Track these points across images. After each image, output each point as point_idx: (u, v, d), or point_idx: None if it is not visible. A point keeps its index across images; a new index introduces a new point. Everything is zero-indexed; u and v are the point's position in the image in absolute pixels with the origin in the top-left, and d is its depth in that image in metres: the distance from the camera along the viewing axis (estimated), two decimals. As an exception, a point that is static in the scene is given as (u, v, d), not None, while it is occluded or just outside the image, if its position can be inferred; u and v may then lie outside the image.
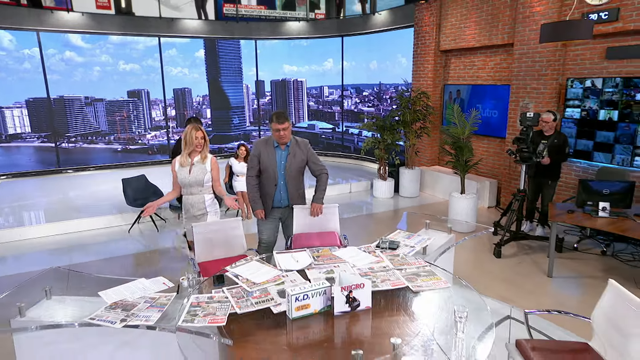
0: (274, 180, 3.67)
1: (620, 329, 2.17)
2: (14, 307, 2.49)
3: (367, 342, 2.08)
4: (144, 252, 5.59)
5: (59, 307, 2.54)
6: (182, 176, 3.62)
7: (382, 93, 10.16)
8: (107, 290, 2.57)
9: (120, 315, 2.31)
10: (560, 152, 5.21)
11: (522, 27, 6.38)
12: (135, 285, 2.66)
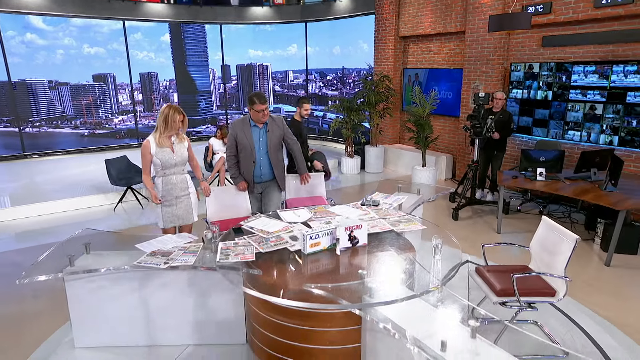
0: (251, 157, 3.87)
1: (549, 250, 2.91)
2: (61, 260, 2.88)
3: (366, 268, 2.68)
4: (136, 227, 5.91)
5: (99, 259, 2.95)
6: (165, 157, 3.48)
7: (345, 77, 10.74)
8: (142, 243, 3.01)
9: (162, 260, 2.78)
10: (506, 127, 6.04)
11: (472, 17, 7.14)
12: (165, 239, 3.12)
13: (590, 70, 5.88)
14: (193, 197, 3.85)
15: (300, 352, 2.63)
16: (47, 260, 2.92)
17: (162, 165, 3.51)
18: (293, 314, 2.59)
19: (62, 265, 2.84)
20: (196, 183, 4.00)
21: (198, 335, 3.01)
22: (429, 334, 2.10)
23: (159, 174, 3.59)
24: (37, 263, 2.87)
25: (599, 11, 5.68)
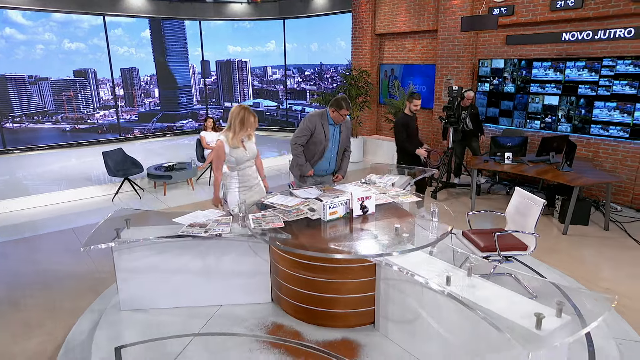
0: (321, 153, 4.11)
1: (522, 213, 3.55)
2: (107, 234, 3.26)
3: (376, 230, 3.20)
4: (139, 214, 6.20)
5: (140, 232, 3.34)
6: (239, 155, 3.65)
7: (323, 72, 11.25)
8: (178, 218, 3.42)
9: (202, 230, 3.20)
10: (476, 118, 6.76)
11: (444, 17, 7.81)
12: (196, 214, 3.53)
13: (547, 66, 6.65)
14: (262, 184, 4.01)
15: (322, 301, 3.13)
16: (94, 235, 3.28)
17: (237, 162, 3.69)
18: (317, 269, 3.09)
19: (109, 238, 3.21)
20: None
21: (229, 296, 3.45)
22: (434, 275, 2.65)
23: (234, 169, 3.76)
24: (89, 236, 3.23)
25: (554, 14, 6.44)
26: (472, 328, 2.45)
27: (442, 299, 2.61)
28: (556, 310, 2.24)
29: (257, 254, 3.41)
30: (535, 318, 2.16)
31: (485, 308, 2.30)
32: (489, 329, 2.32)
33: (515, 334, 2.11)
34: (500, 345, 2.33)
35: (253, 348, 2.96)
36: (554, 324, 2.16)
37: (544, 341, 2.05)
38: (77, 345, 3.15)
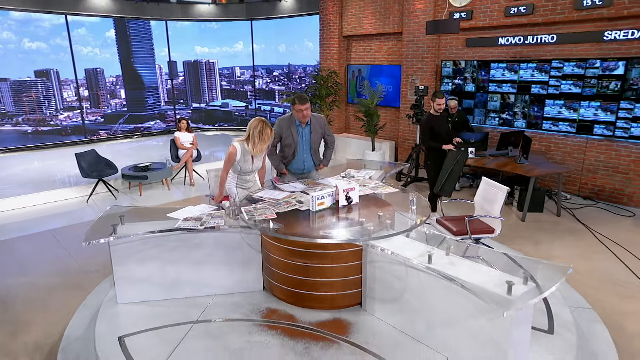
0: (292, 154, 4.30)
1: (488, 200, 3.94)
2: (104, 230, 3.36)
3: (361, 218, 3.47)
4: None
5: (134, 228, 3.46)
6: (245, 166, 3.94)
7: (291, 73, 11.47)
8: (172, 213, 3.57)
9: (197, 223, 3.37)
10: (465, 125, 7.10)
11: (408, 20, 8.23)
12: (189, 209, 3.69)
13: (503, 67, 7.19)
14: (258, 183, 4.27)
15: (313, 285, 3.38)
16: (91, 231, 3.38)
17: (242, 170, 3.99)
18: (308, 256, 3.33)
19: (106, 234, 3.31)
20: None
21: (222, 286, 3.63)
22: (416, 255, 2.96)
23: (235, 172, 4.05)
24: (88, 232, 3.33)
25: (508, 19, 6.98)
26: (452, 300, 2.77)
27: (424, 276, 2.92)
28: (522, 279, 2.60)
29: (249, 245, 3.61)
30: (507, 286, 2.50)
31: (464, 280, 2.62)
32: (467, 299, 2.65)
33: (491, 299, 2.44)
34: (476, 313, 2.66)
35: (252, 331, 3.17)
36: (521, 290, 2.51)
37: (514, 303, 2.39)
38: (77, 338, 3.24)
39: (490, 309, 2.55)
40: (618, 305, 3.81)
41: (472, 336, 2.72)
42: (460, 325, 2.78)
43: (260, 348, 2.98)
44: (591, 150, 6.56)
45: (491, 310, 2.56)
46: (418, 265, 2.87)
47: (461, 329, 2.77)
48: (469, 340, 2.74)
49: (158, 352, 2.92)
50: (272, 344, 3.03)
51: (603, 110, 6.26)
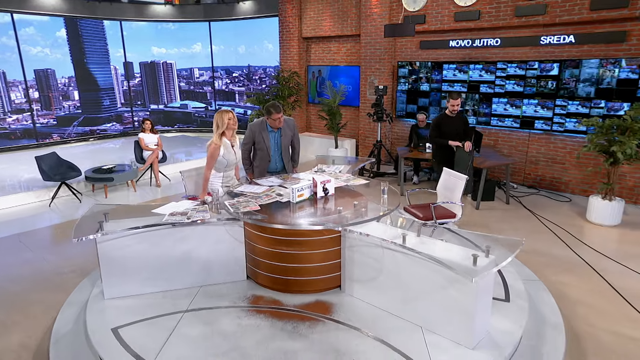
0: (267, 157, 4.61)
1: (449, 188, 4.36)
2: (90, 228, 3.43)
3: (338, 207, 3.75)
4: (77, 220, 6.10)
5: (120, 224, 3.54)
6: (230, 157, 4.17)
7: (251, 74, 11.59)
8: (157, 209, 3.68)
9: (183, 217, 3.51)
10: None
11: (366, 23, 8.63)
12: (172, 205, 3.81)
13: (453, 68, 7.74)
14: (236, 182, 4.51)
15: (295, 271, 3.62)
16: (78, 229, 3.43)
17: (228, 163, 4.21)
18: (290, 243, 3.57)
19: (92, 231, 3.38)
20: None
21: (208, 277, 3.78)
22: (391, 237, 3.28)
23: (220, 170, 4.22)
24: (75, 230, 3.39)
25: (457, 24, 7.54)
26: (425, 275, 3.11)
27: (399, 256, 3.24)
28: (485, 252, 2.98)
29: (233, 237, 3.79)
30: (472, 258, 2.88)
31: (435, 256, 2.97)
32: (438, 273, 3.01)
33: (460, 270, 2.80)
34: (446, 285, 3.01)
35: (241, 316, 3.36)
36: (484, 262, 2.90)
37: (480, 272, 2.76)
38: (67, 334, 3.29)
39: (459, 279, 2.91)
40: (559, 276, 4.33)
41: (442, 306, 3.07)
42: (432, 298, 3.12)
43: (252, 330, 3.19)
44: (533, 144, 7.23)
45: (460, 280, 2.92)
46: (394, 246, 3.19)
47: (433, 301, 3.12)
48: (440, 310, 3.09)
49: (154, 339, 3.05)
50: (262, 325, 3.25)
51: (542, 107, 6.94)
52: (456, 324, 3.02)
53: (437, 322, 3.12)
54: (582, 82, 6.49)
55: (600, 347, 3.30)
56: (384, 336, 3.09)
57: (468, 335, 2.98)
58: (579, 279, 4.30)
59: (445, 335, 3.07)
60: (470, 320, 2.95)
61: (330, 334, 3.14)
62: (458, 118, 5.71)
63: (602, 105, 6.39)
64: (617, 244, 5.18)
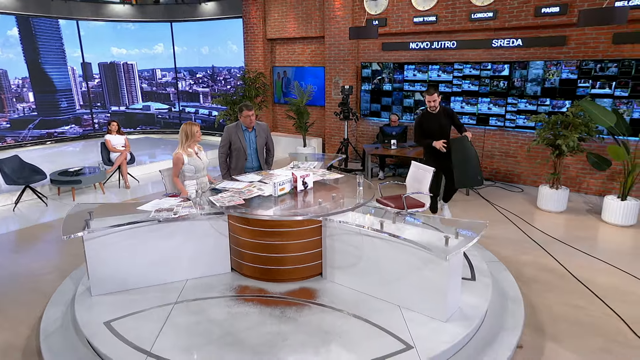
0: (244, 156, 4.86)
1: (418, 180, 4.69)
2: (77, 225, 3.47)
3: (317, 200, 3.97)
4: (41, 224, 5.96)
5: (106, 222, 3.59)
6: (197, 163, 4.38)
7: (215, 75, 11.58)
8: (142, 206, 3.75)
9: (170, 213, 3.61)
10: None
11: (330, 25, 8.91)
12: (156, 202, 3.89)
13: (411, 68, 8.16)
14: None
15: (279, 260, 3.81)
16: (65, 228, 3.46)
17: (196, 169, 4.39)
18: (274, 234, 3.75)
19: (79, 229, 3.42)
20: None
21: (194, 271, 3.90)
22: (369, 224, 3.54)
23: (192, 178, 4.42)
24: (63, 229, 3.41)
25: (417, 27, 7.96)
26: (401, 258, 3.39)
27: (378, 241, 3.51)
28: (454, 234, 3.31)
29: (217, 231, 3.92)
30: (444, 239, 3.19)
31: (411, 239, 3.26)
32: (413, 256, 3.30)
33: (434, 250, 3.10)
34: (421, 266, 3.31)
35: (230, 305, 3.51)
36: (455, 242, 3.22)
37: (452, 250, 3.07)
38: (56, 330, 3.31)
39: (433, 260, 3.21)
40: (517, 258, 4.77)
41: (418, 286, 3.36)
42: (408, 279, 3.41)
43: (242, 317, 3.35)
44: (488, 139, 7.77)
45: (434, 261, 3.22)
46: (372, 232, 3.45)
47: (409, 282, 3.40)
48: (415, 290, 3.38)
49: (148, 330, 3.15)
50: (251, 312, 3.41)
51: (495, 105, 7.47)
52: (431, 301, 3.32)
53: (413, 300, 3.41)
54: (530, 82, 7.06)
55: (552, 316, 3.72)
56: (366, 316, 3.35)
57: (441, 311, 3.29)
58: (533, 259, 4.76)
59: (421, 312, 3.36)
60: (443, 297, 3.26)
61: (316, 317, 3.36)
62: (441, 113, 5.41)
63: (547, 102, 6.98)
64: (563, 227, 5.72)
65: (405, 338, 3.08)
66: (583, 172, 6.94)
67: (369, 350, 2.94)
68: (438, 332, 3.16)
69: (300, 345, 3.01)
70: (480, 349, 3.16)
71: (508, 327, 3.41)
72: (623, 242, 5.25)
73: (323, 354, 2.93)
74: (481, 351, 3.14)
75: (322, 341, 3.05)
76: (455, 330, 3.19)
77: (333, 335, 3.12)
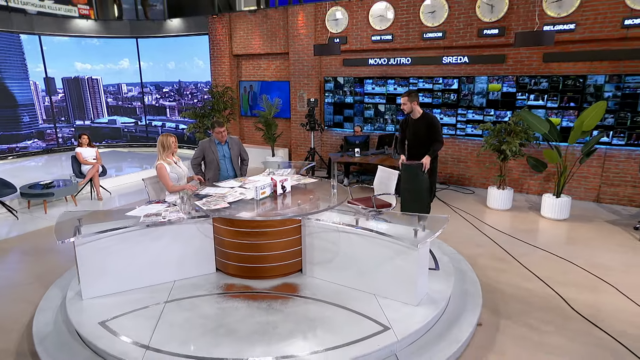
0: (218, 167, 5.09)
1: (384, 182, 5.01)
2: (68, 231, 3.48)
3: (296, 202, 4.18)
4: (23, 235, 5.79)
5: (96, 228, 3.63)
6: (178, 171, 4.57)
7: (182, 89, 11.56)
8: (131, 212, 3.81)
9: (159, 218, 3.70)
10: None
11: (294, 42, 9.21)
12: (144, 208, 3.96)
13: (370, 82, 8.59)
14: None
15: (260, 258, 3.98)
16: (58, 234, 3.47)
17: (178, 178, 4.59)
18: (256, 235, 3.93)
19: (69, 236, 3.45)
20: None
21: (181, 272, 3.98)
22: (346, 221, 3.80)
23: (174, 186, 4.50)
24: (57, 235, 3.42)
25: (375, 45, 8.42)
26: (376, 251, 3.66)
27: (354, 237, 3.76)
28: (421, 227, 3.63)
29: (203, 234, 4.04)
30: (413, 232, 3.50)
31: (384, 233, 3.54)
32: (387, 248, 3.58)
33: (405, 241, 3.40)
34: (394, 257, 3.59)
35: (219, 301, 3.64)
36: (423, 234, 3.53)
37: (421, 240, 3.39)
38: (50, 333, 3.30)
39: (404, 251, 3.50)
40: (472, 250, 5.19)
41: (391, 275, 3.64)
42: (382, 269, 3.68)
43: (232, 311, 3.49)
44: (441, 146, 8.28)
45: (405, 252, 3.51)
46: (349, 228, 3.71)
47: (383, 272, 3.68)
48: (389, 279, 3.65)
49: (143, 327, 3.22)
50: (240, 307, 3.56)
51: (447, 116, 8.02)
52: (403, 288, 3.61)
53: (387, 289, 3.68)
54: (477, 95, 7.66)
55: (504, 296, 4.12)
56: (346, 304, 3.58)
57: (412, 296, 3.58)
58: (485, 250, 5.19)
59: (395, 298, 3.64)
60: (414, 284, 3.56)
61: (300, 307, 3.56)
62: (421, 121, 5.07)
63: (492, 113, 7.60)
64: (509, 222, 6.24)
65: (383, 321, 3.34)
66: (524, 175, 7.58)
67: (351, 333, 3.18)
68: (410, 314, 3.45)
69: (290, 332, 3.20)
70: (446, 328, 3.47)
71: (469, 308, 3.75)
72: (559, 234, 5.83)
73: (311, 338, 3.13)
74: (447, 329, 3.45)
75: (308, 328, 3.25)
76: (425, 312, 3.49)
77: (318, 322, 3.32)
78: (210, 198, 4.12)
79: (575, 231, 5.85)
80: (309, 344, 3.06)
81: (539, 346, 3.37)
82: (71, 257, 4.86)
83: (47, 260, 4.94)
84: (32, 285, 4.34)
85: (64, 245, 4.94)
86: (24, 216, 6.45)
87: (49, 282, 4.24)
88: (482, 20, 7.34)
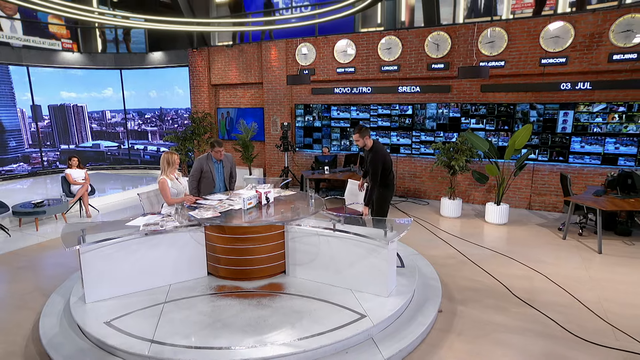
0: (213, 183, 5.09)
1: (354, 194, 5.28)
2: (73, 240, 3.49)
3: (279, 212, 4.36)
4: (17, 250, 5.59)
5: (98, 236, 3.66)
6: (178, 187, 4.55)
7: (164, 115, 11.52)
8: (130, 222, 3.86)
9: (157, 226, 3.77)
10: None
11: (267, 73, 9.50)
12: (140, 219, 4.01)
13: (334, 109, 8.98)
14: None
15: (248, 261, 4.10)
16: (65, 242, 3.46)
17: (177, 193, 4.55)
18: (244, 240, 4.06)
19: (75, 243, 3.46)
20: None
21: (175, 276, 4.03)
22: (324, 226, 4.02)
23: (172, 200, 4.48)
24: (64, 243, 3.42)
25: (340, 76, 8.85)
26: (352, 251, 3.89)
27: (332, 239, 3.98)
28: (389, 229, 3.90)
29: (196, 241, 4.13)
30: (384, 232, 3.76)
31: (358, 234, 3.79)
32: (361, 247, 3.81)
33: (379, 239, 3.65)
34: (367, 255, 3.83)
35: (213, 300, 3.72)
36: (392, 234, 3.80)
37: (391, 238, 3.65)
38: (56, 335, 3.27)
39: (376, 250, 3.75)
40: (430, 251, 5.52)
41: (365, 272, 3.87)
42: (357, 267, 3.90)
43: (226, 308, 3.59)
44: (400, 164, 8.73)
45: (377, 250, 3.75)
46: (328, 232, 3.93)
47: (358, 269, 3.90)
48: (363, 275, 3.88)
49: (146, 324, 3.26)
50: (233, 304, 3.66)
51: (403, 137, 8.49)
52: (375, 282, 3.84)
53: (362, 284, 3.90)
54: (428, 119, 8.19)
55: (459, 288, 4.44)
56: (327, 298, 3.77)
57: (384, 289, 3.82)
58: (441, 251, 5.54)
59: (368, 292, 3.86)
60: (385, 278, 3.80)
61: (287, 303, 3.71)
62: (369, 152, 4.92)
63: (441, 135, 8.13)
64: (460, 228, 6.66)
65: (360, 310, 3.55)
66: (470, 187, 8.10)
67: (333, 321, 3.36)
68: (383, 304, 3.67)
69: (279, 323, 3.34)
70: (413, 314, 3.72)
71: (430, 298, 4.03)
72: (500, 235, 6.29)
73: (298, 327, 3.28)
74: (414, 315, 3.70)
75: (296, 319, 3.41)
76: (395, 302, 3.73)
77: (304, 314, 3.49)
78: (202, 208, 4.23)
79: (513, 233, 6.33)
80: (297, 332, 3.21)
81: (489, 325, 3.69)
82: (68, 268, 4.80)
83: (43, 272, 4.83)
84: (32, 294, 4.24)
85: (60, 258, 4.92)
86: (16, 234, 6.22)
87: (48, 291, 4.16)
88: (430, 56, 7.92)
